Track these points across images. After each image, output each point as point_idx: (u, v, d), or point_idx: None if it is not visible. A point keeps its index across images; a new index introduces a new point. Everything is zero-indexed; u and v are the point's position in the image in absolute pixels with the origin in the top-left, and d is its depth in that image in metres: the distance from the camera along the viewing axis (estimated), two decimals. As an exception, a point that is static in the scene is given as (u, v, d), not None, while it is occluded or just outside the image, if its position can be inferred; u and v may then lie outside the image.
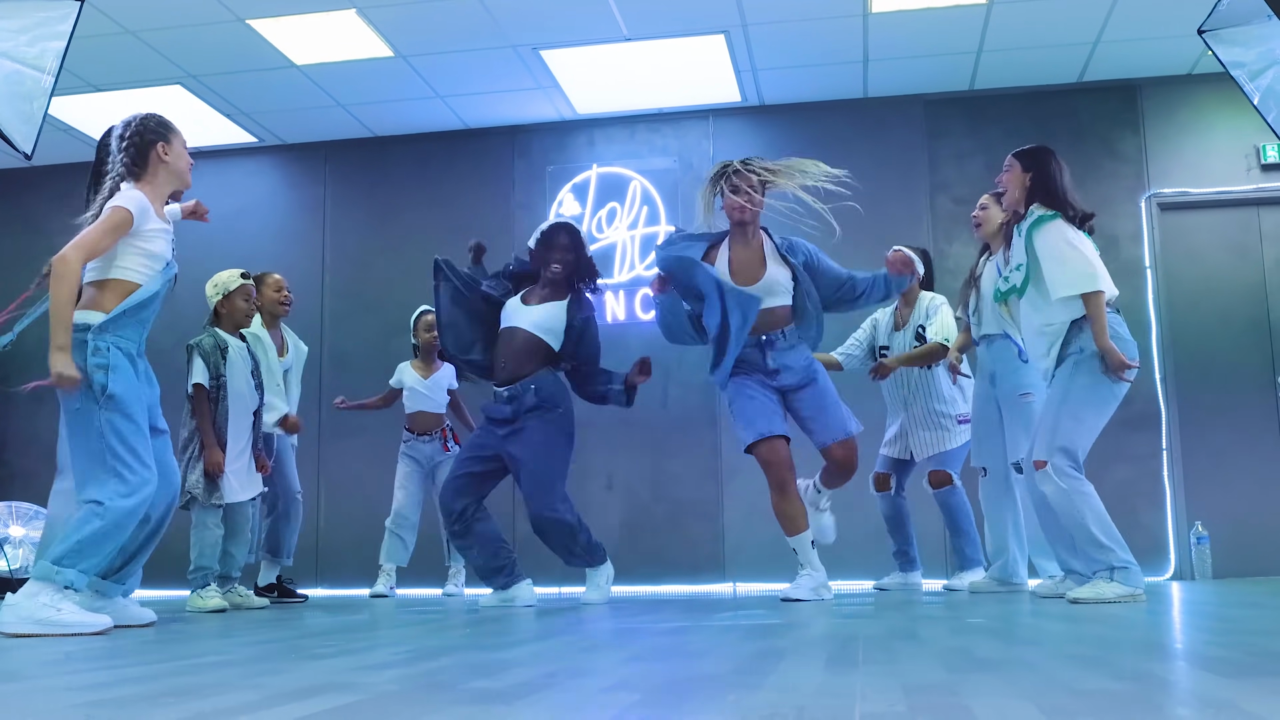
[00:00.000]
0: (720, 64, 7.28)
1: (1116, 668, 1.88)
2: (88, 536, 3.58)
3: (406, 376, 6.74)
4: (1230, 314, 7.38)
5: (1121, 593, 4.18)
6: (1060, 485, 4.28)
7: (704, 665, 2.02)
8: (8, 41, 4.19)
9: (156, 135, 3.96)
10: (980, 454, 5.43)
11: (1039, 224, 4.45)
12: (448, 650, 2.45)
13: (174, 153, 3.99)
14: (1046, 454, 4.33)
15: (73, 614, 3.53)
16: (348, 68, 7.25)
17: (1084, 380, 4.33)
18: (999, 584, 5.41)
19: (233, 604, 5.25)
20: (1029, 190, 4.57)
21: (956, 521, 5.92)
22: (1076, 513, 4.26)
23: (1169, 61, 7.36)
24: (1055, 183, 4.53)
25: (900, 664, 1.99)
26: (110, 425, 3.65)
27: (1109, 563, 4.22)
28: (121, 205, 3.75)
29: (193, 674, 2.02)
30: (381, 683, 1.79)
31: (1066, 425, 4.32)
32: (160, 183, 3.95)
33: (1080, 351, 4.34)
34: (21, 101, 4.24)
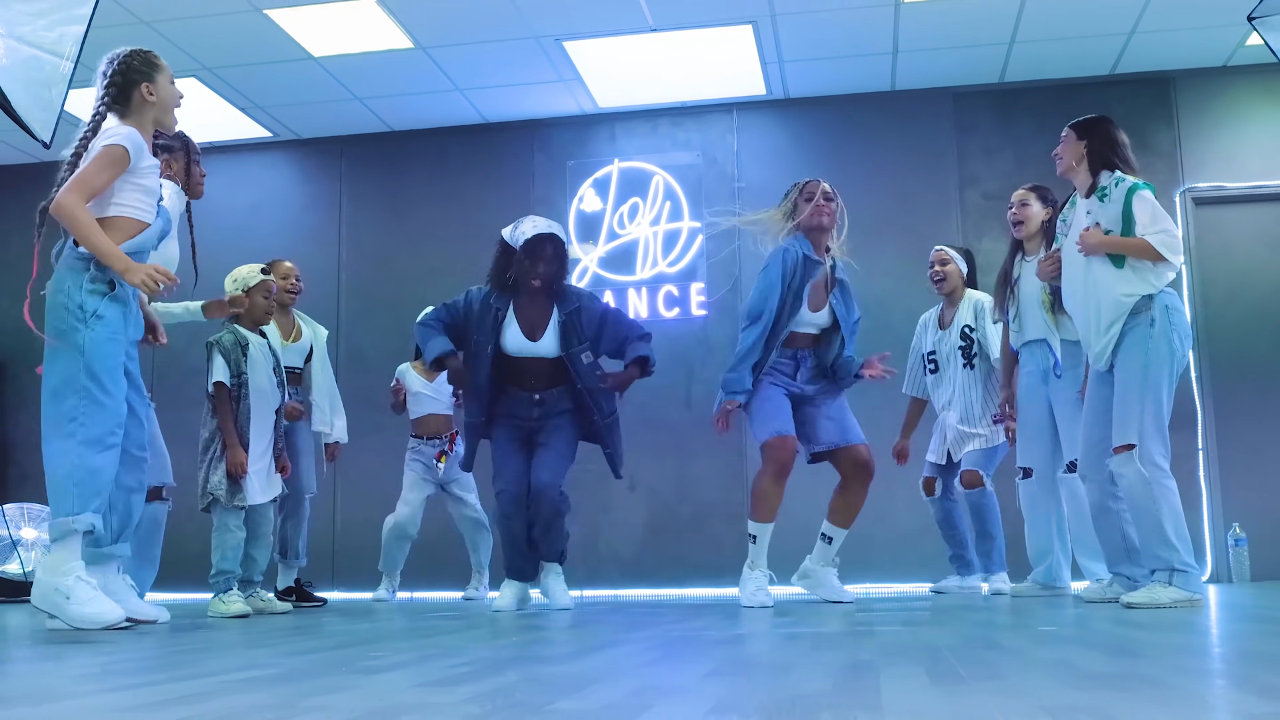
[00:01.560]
0: (746, 55, 7.13)
1: (1257, 683, 1.72)
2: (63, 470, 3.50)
3: (410, 380, 6.57)
4: (1267, 310, 7.25)
5: (1178, 597, 4.01)
6: (1144, 472, 4.09)
7: (797, 681, 1.87)
8: (25, 25, 4.05)
9: (140, 75, 3.83)
10: (1026, 454, 5.28)
11: (1136, 189, 4.27)
12: (508, 663, 2.30)
13: (160, 91, 3.86)
14: (1136, 436, 4.12)
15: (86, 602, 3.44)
16: (366, 60, 7.11)
17: (1159, 352, 4.15)
18: (1042, 588, 5.27)
19: (255, 609, 5.10)
20: (1088, 157, 4.42)
21: (984, 524, 5.79)
22: (1153, 504, 4.09)
23: (1205, 53, 7.22)
24: (1118, 149, 4.39)
25: (1009, 679, 1.83)
26: (93, 344, 3.57)
27: (1170, 563, 4.06)
28: (117, 142, 3.64)
29: (246, 690, 1.87)
30: (456, 703, 1.63)
31: (1151, 404, 4.14)
32: (146, 121, 3.84)
33: (1151, 324, 4.17)
34: (40, 88, 4.10)
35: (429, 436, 6.52)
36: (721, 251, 7.65)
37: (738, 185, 7.78)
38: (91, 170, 3.59)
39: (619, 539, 7.60)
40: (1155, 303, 4.19)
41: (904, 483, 7.02)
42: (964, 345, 5.84)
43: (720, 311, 7.68)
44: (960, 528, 5.96)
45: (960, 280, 5.95)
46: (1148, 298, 4.20)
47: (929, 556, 7.05)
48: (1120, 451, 4.17)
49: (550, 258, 4.91)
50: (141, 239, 3.73)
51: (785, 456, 4.79)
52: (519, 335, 4.92)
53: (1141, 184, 4.31)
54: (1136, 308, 4.20)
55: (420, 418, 6.55)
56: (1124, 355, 4.22)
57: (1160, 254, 4.16)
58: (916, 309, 7.22)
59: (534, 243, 4.88)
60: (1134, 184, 4.31)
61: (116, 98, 3.80)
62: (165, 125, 3.95)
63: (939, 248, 6.09)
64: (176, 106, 3.95)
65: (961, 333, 5.85)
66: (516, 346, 4.93)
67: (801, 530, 6.68)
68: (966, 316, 5.85)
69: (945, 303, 6.00)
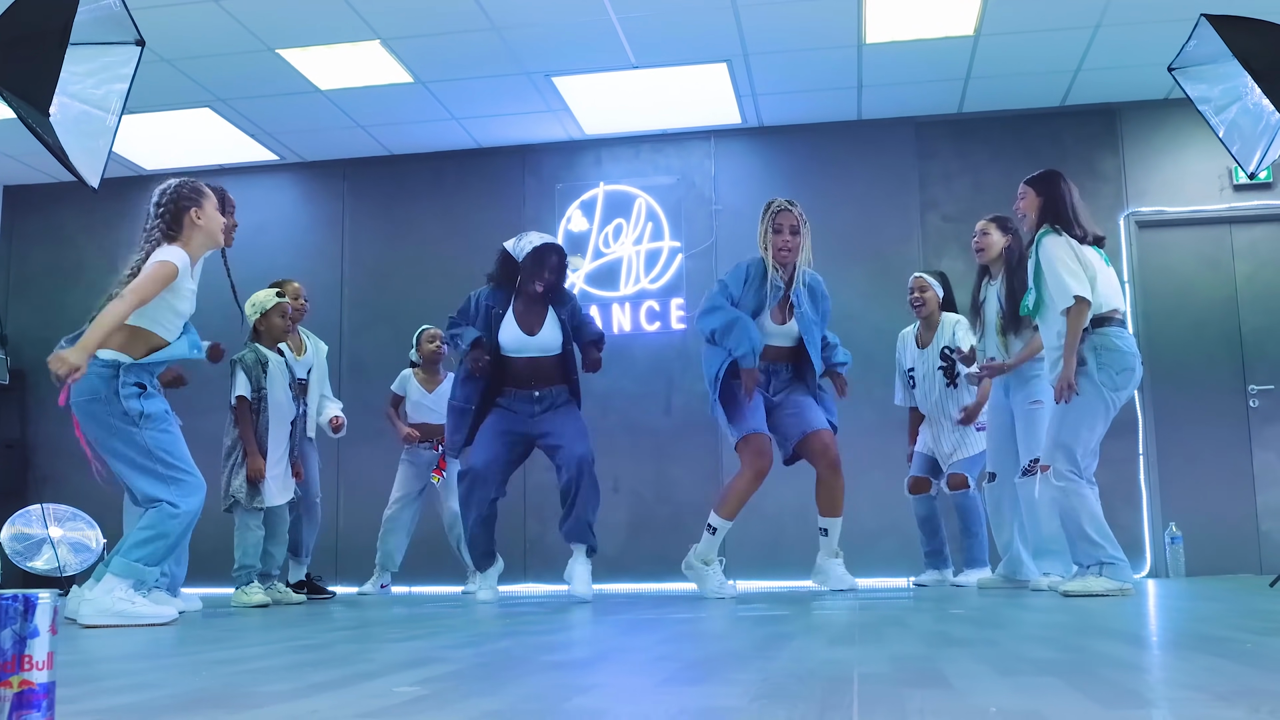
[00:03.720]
0: (722, 89, 7.70)
1: (1064, 644, 2.29)
2: (162, 534, 3.92)
3: (410, 388, 7.10)
4: (1204, 325, 7.81)
5: (1109, 586, 4.55)
6: (1058, 485, 4.67)
7: (728, 644, 2.44)
8: (77, 85, 4.57)
9: (190, 201, 4.25)
10: (993, 460, 5.78)
11: (1038, 241, 4.82)
12: (505, 635, 2.86)
13: (206, 216, 4.26)
14: (1049, 458, 4.74)
15: (146, 606, 3.92)
16: (369, 92, 7.66)
17: (1083, 387, 4.66)
18: (1006, 580, 5.76)
19: (274, 599, 5.65)
20: (1040, 212, 4.94)
21: (968, 524, 6.29)
22: (1072, 511, 4.66)
23: (1147, 87, 7.78)
24: (1063, 204, 4.89)
25: (888, 643, 2.40)
26: (155, 442, 3.99)
27: (1098, 558, 4.61)
28: (169, 260, 4.06)
29: (309, 651, 2.43)
30: (471, 656, 2.20)
31: (1066, 435, 4.69)
32: (196, 245, 4.24)
33: (1082, 363, 4.67)
34: (89, 139, 4.61)
35: (422, 441, 7.06)
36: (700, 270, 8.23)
37: (715, 207, 8.34)
38: (144, 283, 4.00)
39: (603, 537, 7.96)
40: (1087, 344, 4.70)
41: (867, 482, 7.59)
42: (945, 365, 6.35)
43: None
44: (941, 526, 6.50)
45: (937, 304, 6.45)
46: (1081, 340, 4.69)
47: (890, 553, 7.63)
48: (1043, 471, 4.82)
49: (555, 267, 5.39)
50: (165, 353, 4.14)
51: (763, 461, 5.16)
52: (516, 331, 5.34)
53: (1044, 232, 4.83)
54: None
55: (416, 425, 7.09)
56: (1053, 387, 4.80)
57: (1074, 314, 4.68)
58: (881, 325, 7.77)
59: (541, 251, 5.36)
60: (1038, 234, 4.85)
61: (170, 224, 4.22)
62: (217, 244, 4.36)
63: (917, 275, 6.58)
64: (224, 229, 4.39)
65: (942, 353, 6.35)
66: (515, 344, 5.34)
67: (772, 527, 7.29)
68: (946, 338, 6.35)
69: (922, 324, 6.51)
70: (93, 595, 3.91)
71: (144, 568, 3.92)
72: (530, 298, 5.39)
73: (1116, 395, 4.74)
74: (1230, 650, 2.07)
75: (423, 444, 7.05)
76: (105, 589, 3.90)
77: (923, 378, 6.43)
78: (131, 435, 3.98)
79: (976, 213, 8.01)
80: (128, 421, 3.98)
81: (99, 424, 3.99)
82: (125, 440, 3.98)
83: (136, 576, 3.91)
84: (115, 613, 3.86)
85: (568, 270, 5.60)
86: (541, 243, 5.40)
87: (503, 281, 5.46)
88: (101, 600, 3.89)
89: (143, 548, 3.93)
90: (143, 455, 3.99)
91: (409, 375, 7.15)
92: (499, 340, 5.35)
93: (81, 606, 3.92)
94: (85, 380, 3.91)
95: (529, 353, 5.36)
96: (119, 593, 3.90)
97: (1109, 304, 4.78)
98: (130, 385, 4.00)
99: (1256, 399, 7.69)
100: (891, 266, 8.04)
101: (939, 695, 1.53)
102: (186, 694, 1.71)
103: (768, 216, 5.39)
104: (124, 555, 3.94)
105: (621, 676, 1.82)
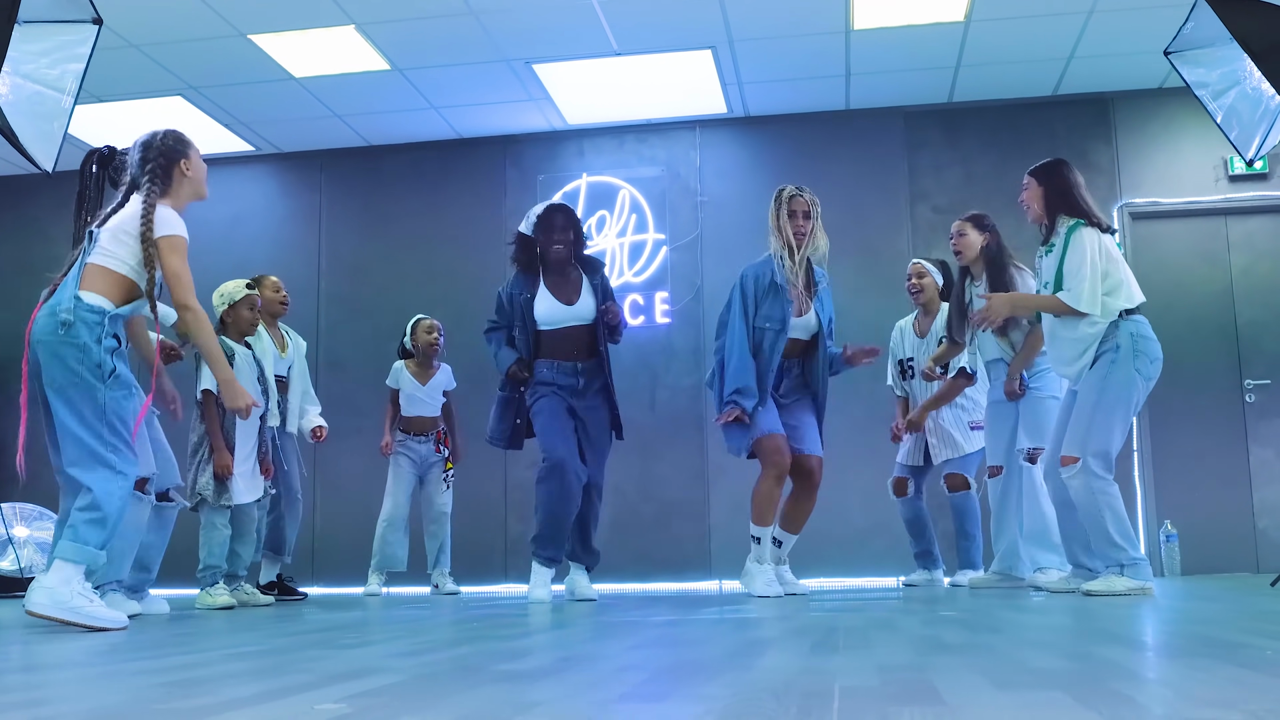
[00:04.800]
0: (707, 77, 7.52)
1: (1066, 650, 2.11)
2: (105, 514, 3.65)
3: (404, 380, 6.94)
4: (1199, 319, 7.65)
5: (1131, 586, 4.44)
6: (1088, 483, 4.50)
7: (700, 651, 2.25)
8: (30, 64, 4.38)
9: (178, 152, 4.12)
10: (994, 454, 5.64)
11: (1075, 230, 4.65)
12: (468, 640, 2.68)
13: (194, 166, 4.15)
14: (1080, 451, 4.53)
15: (99, 608, 3.68)
16: (345, 80, 7.47)
17: (1119, 377, 4.51)
18: (1001, 578, 5.61)
19: (240, 601, 5.46)
20: (1047, 203, 4.78)
21: (965, 525, 6.15)
22: (1097, 511, 4.50)
23: (1140, 76, 7.63)
24: (1073, 193, 4.75)
25: (876, 649, 2.22)
26: (113, 405, 3.73)
27: (1119, 560, 4.47)
28: (177, 233, 3.92)
29: (246, 660, 2.24)
30: (416, 666, 2.01)
31: (1101, 424, 4.52)
32: (183, 197, 4.11)
33: (1116, 350, 4.52)
34: (43, 121, 4.43)
35: (417, 433, 6.88)
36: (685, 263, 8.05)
37: (700, 199, 8.17)
38: (180, 266, 3.89)
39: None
40: (1121, 329, 4.55)
41: (856, 480, 7.44)
42: None
43: (684, 320, 8.06)
44: (929, 527, 6.34)
45: (936, 292, 6.29)
46: (1114, 325, 4.56)
47: (879, 552, 7.47)
48: (1067, 463, 4.60)
49: (563, 225, 5.32)
50: (135, 305, 3.94)
51: (781, 459, 5.04)
52: (555, 304, 5.26)
53: (1082, 224, 4.66)
54: (1105, 334, 4.56)
55: (411, 417, 6.92)
56: (1089, 376, 4.60)
57: (1068, 308, 4.55)
58: (870, 320, 7.62)
59: (545, 215, 5.33)
60: (1073, 224, 4.68)
61: (161, 176, 4.04)
62: (201, 196, 4.22)
63: (915, 261, 6.43)
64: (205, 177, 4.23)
65: (940, 343, 6.18)
66: (553, 315, 5.26)
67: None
68: (944, 330, 6.16)
69: (921, 312, 6.36)
70: (49, 583, 3.67)
71: (93, 550, 3.67)
72: (559, 266, 5.33)
73: (1148, 385, 4.61)
74: (1251, 659, 1.90)
75: (417, 437, 6.87)
76: (61, 578, 3.62)
77: (921, 369, 6.26)
78: (94, 390, 3.72)
79: (967, 204, 7.87)
80: (96, 375, 3.73)
81: (64, 368, 3.73)
82: (85, 393, 3.73)
83: (87, 561, 3.65)
84: (69, 608, 3.60)
85: (581, 227, 5.53)
86: (544, 207, 5.40)
87: (526, 264, 5.40)
88: (59, 590, 3.60)
89: (88, 529, 3.67)
90: (95, 414, 3.72)
91: (401, 367, 6.99)
92: (536, 319, 5.28)
93: (34, 593, 3.65)
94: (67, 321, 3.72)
95: (567, 323, 5.31)
96: (76, 585, 3.65)
97: (1140, 297, 4.66)
98: (110, 337, 3.79)
99: (1252, 394, 7.53)
100: (881, 260, 7.89)
101: (930, 714, 1.35)
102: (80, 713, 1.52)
103: (781, 203, 5.26)
104: (70, 539, 3.69)
105: (576, 691, 1.64)
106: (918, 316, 6.38)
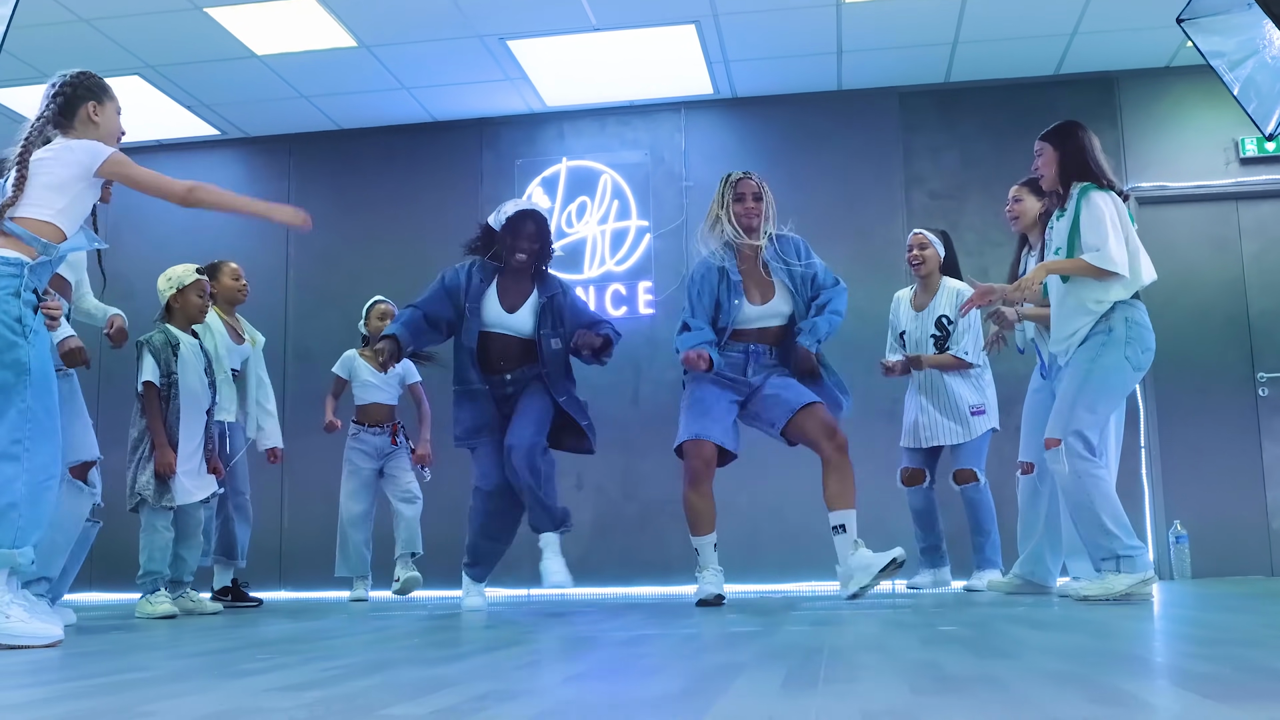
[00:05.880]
0: (691, 55, 7.14)
1: (1095, 686, 1.74)
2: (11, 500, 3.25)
3: (358, 368, 6.54)
4: (1209, 310, 7.29)
5: (1130, 582, 4.10)
6: (1070, 465, 4.18)
7: (651, 685, 1.88)
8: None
9: (89, 94, 3.73)
10: (1026, 449, 5.25)
11: (1083, 194, 4.32)
12: (384, 665, 2.30)
13: (105, 115, 3.75)
14: (1061, 433, 4.23)
15: (25, 623, 3.27)
16: (310, 58, 7.08)
17: (1108, 361, 4.23)
18: (1023, 583, 5.22)
19: (184, 609, 5.08)
20: (1062, 168, 4.44)
21: (979, 520, 5.77)
22: (1084, 495, 4.17)
23: (1147, 53, 7.27)
24: (1088, 156, 4.41)
25: (862, 683, 1.84)
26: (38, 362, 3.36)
27: (1114, 550, 4.13)
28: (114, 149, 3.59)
29: (93, 696, 1.86)
30: (292, 707, 1.63)
31: (1084, 406, 4.23)
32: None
33: (1109, 333, 4.24)
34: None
35: (371, 424, 6.50)
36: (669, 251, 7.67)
37: (685, 184, 7.79)
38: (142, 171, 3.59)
39: (567, 537, 7.44)
40: (1116, 312, 4.25)
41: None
42: (938, 335, 5.82)
43: (668, 310, 7.67)
44: (938, 520, 5.94)
45: (937, 264, 5.90)
46: (1113, 307, 4.26)
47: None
48: (1051, 446, 4.27)
49: (533, 234, 4.96)
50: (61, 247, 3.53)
51: (697, 464, 4.67)
52: (497, 308, 4.93)
53: (1093, 187, 4.33)
54: (1104, 315, 4.26)
55: (365, 405, 6.54)
56: (1076, 355, 4.31)
57: (1102, 270, 4.20)
58: (864, 308, 7.26)
59: (516, 219, 4.95)
60: (1083, 188, 4.34)
61: (63, 109, 3.67)
62: None
63: (917, 230, 6.04)
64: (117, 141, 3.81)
65: (938, 322, 5.82)
66: (493, 319, 4.93)
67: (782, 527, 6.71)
68: (944, 307, 5.82)
69: (920, 285, 5.97)
70: None
71: (12, 551, 3.26)
72: (516, 273, 4.99)
73: (1135, 376, 4.31)
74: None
75: (372, 429, 6.47)
76: None
77: (915, 344, 5.90)
78: (14, 345, 3.30)
79: (964, 188, 7.54)
80: (16, 331, 3.31)
81: None
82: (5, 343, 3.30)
83: (8, 565, 3.24)
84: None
85: (550, 241, 5.12)
86: (516, 210, 4.99)
87: (484, 254, 5.04)
88: None
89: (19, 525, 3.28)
90: (16, 372, 3.29)
91: (353, 356, 6.59)
92: (482, 314, 4.93)
93: None
94: None
95: (501, 329, 4.95)
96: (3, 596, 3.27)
97: (1149, 278, 4.33)
98: (29, 292, 3.39)
99: (1265, 387, 7.16)
100: (874, 246, 7.53)
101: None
102: None
103: (726, 188, 4.97)
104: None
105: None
106: (916, 290, 6.00)
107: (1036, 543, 5.21)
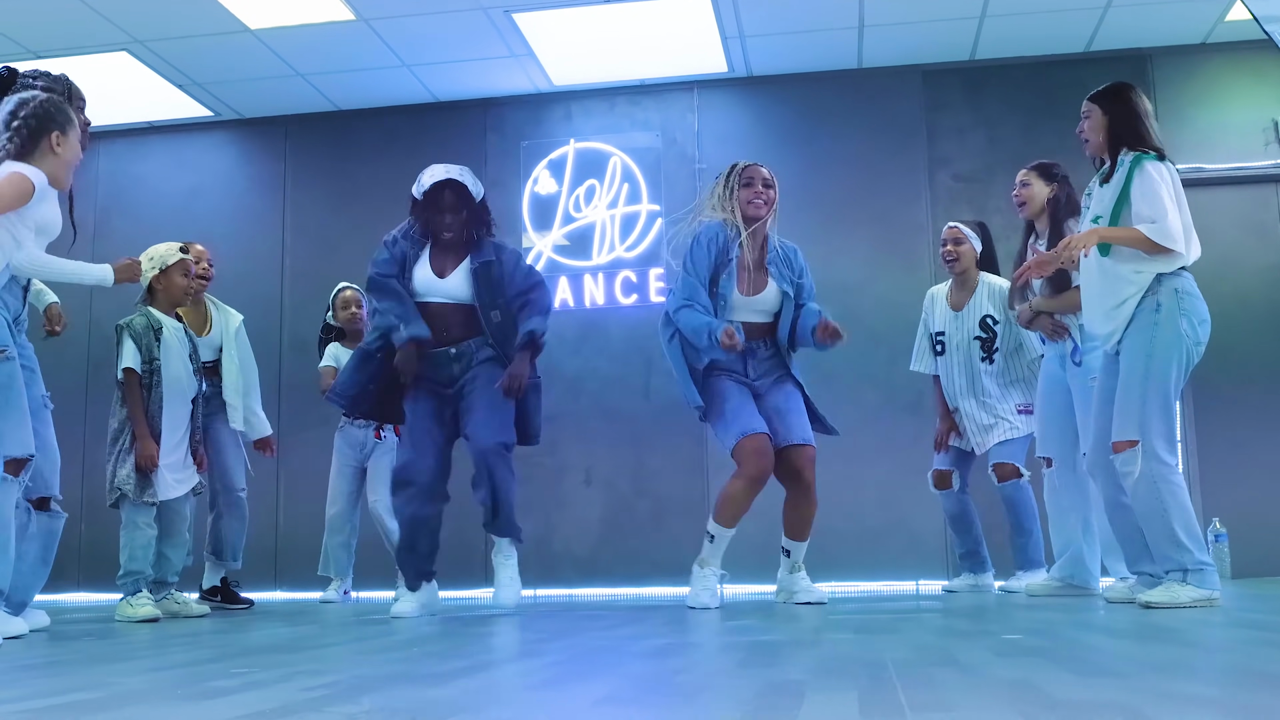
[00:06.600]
0: (706, 30, 6.80)
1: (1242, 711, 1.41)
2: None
3: (342, 359, 6.22)
4: (1248, 297, 6.96)
5: (1196, 596, 3.77)
6: (1146, 469, 3.81)
7: (701, 712, 1.54)
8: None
9: (52, 124, 3.54)
10: (1045, 443, 4.95)
11: (1140, 162, 3.96)
12: (373, 684, 1.97)
13: (66, 146, 3.57)
14: (1138, 432, 3.84)
15: None
16: (306, 32, 6.75)
17: (1166, 337, 3.85)
18: (1064, 585, 4.90)
19: (168, 611, 4.74)
20: (1110, 133, 4.09)
21: (1020, 519, 5.47)
22: (1158, 502, 3.81)
23: (1183, 29, 6.94)
24: (1140, 122, 4.09)
25: (959, 711, 1.51)
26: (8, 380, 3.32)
27: (1183, 564, 3.79)
28: (29, 176, 3.35)
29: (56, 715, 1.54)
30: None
31: (1156, 395, 3.85)
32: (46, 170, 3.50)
33: (1158, 309, 3.87)
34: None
35: (355, 417, 6.18)
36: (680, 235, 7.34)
37: (699, 166, 7.46)
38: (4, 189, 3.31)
39: (574, 536, 7.28)
40: (1163, 285, 3.89)
41: (871, 475, 6.76)
42: (984, 337, 5.50)
43: (680, 298, 7.35)
44: (975, 524, 5.64)
45: (974, 260, 5.58)
46: (1158, 279, 3.90)
47: (896, 553, 6.79)
48: (1122, 449, 3.89)
49: (450, 206, 4.52)
50: None
51: (764, 462, 4.38)
52: (428, 272, 4.54)
53: (1149, 156, 3.98)
54: (1149, 289, 3.91)
55: None
56: (1129, 340, 3.94)
57: (1156, 245, 3.86)
58: (886, 296, 6.98)
59: (430, 194, 4.53)
60: (1137, 156, 3.99)
61: (27, 140, 3.50)
62: (61, 185, 3.61)
63: (952, 224, 5.71)
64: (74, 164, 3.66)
65: (982, 323, 5.50)
66: (424, 286, 4.53)
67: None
68: (987, 306, 5.50)
69: (955, 283, 5.64)
70: None
71: None
72: (445, 243, 4.58)
73: (1196, 350, 3.91)
74: None
75: (356, 422, 6.13)
76: None
77: (955, 347, 5.56)
78: None
79: (991, 170, 7.20)
80: None
81: None
82: None
83: None
84: None
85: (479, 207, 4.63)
86: (431, 182, 4.53)
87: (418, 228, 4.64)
88: None
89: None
90: None
91: (338, 349, 6.26)
92: (412, 284, 4.55)
93: None
94: None
95: (435, 297, 4.54)
96: None
97: (1196, 254, 3.96)
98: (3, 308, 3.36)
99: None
100: (896, 231, 7.20)
101: None
102: None
103: (733, 175, 4.72)
104: None
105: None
106: (951, 287, 5.66)
107: (1072, 544, 4.90)
